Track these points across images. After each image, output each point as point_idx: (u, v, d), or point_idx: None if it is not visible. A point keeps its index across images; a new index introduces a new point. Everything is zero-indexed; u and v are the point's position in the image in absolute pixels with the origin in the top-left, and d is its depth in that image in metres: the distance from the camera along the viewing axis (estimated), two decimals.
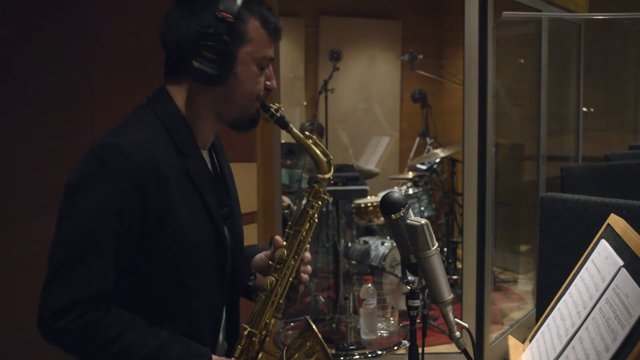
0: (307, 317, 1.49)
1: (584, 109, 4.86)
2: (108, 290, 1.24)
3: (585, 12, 4.94)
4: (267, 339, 1.43)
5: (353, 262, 4.36)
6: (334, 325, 3.35)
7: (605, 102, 5.27)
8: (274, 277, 1.42)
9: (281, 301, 1.43)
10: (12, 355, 1.97)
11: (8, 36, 2.00)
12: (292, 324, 3.90)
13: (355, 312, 2.86)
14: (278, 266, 1.43)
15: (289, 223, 1.47)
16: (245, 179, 2.86)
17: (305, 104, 5.89)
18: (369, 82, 6.20)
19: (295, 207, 4.58)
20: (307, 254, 1.50)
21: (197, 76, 1.32)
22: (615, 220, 1.21)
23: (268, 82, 1.42)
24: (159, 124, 1.34)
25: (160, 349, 1.27)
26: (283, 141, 4.62)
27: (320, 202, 1.46)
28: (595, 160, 4.36)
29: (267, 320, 1.42)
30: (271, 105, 1.41)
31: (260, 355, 1.44)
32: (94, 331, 1.22)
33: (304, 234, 1.45)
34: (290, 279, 1.44)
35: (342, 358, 2.69)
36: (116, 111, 1.45)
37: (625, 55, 5.15)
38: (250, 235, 2.96)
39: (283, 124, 1.42)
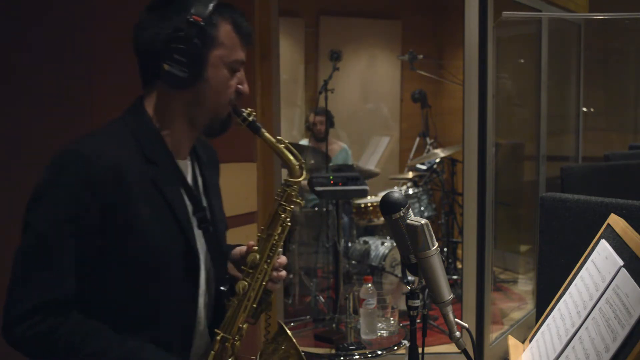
0: (281, 322, 1.50)
1: (584, 109, 4.86)
2: (67, 297, 1.24)
3: (585, 12, 4.95)
4: (238, 343, 1.42)
5: (353, 262, 4.36)
6: (334, 325, 3.35)
7: (605, 102, 5.28)
8: (246, 281, 1.41)
9: (254, 306, 1.43)
10: (13, 355, 1.97)
11: (8, 34, 2.00)
12: (292, 324, 3.91)
13: (355, 312, 2.86)
14: (250, 271, 1.42)
15: (262, 227, 1.46)
16: (245, 179, 2.86)
17: (301, 107, 5.89)
18: (369, 82, 6.20)
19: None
20: (283, 258, 1.49)
21: (168, 79, 1.32)
22: (615, 220, 1.21)
23: (240, 86, 1.42)
24: (128, 132, 1.35)
25: (127, 356, 1.27)
26: None
27: (292, 206, 1.46)
28: (595, 160, 4.36)
29: (240, 325, 1.41)
30: (243, 110, 1.42)
31: None
32: (53, 338, 1.22)
33: (276, 237, 1.45)
34: (263, 284, 1.44)
35: (342, 358, 2.69)
36: (116, 111, 1.45)
37: (625, 55, 5.15)
38: (251, 235, 2.95)
39: (255, 128, 1.42)
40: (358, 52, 6.10)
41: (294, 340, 1.46)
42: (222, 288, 1.49)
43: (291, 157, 1.45)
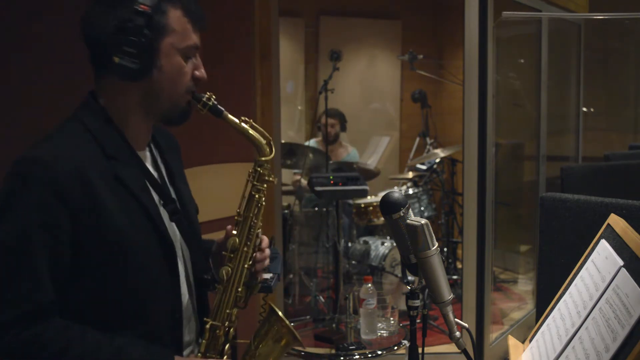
0: (270, 303, 1.51)
1: (584, 109, 4.86)
2: (46, 304, 1.23)
3: (585, 12, 4.94)
4: (232, 329, 1.43)
5: (353, 262, 4.36)
6: (334, 325, 3.34)
7: (605, 102, 5.27)
8: (229, 267, 1.41)
9: (239, 289, 1.42)
10: None
11: (8, 33, 2.00)
12: (292, 324, 3.91)
13: (355, 312, 2.86)
14: (232, 255, 1.42)
15: (237, 210, 1.45)
16: (245, 179, 2.85)
17: (300, 108, 5.89)
18: (369, 82, 6.20)
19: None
20: (265, 239, 1.49)
21: (119, 72, 1.30)
22: (615, 220, 1.21)
23: (196, 72, 1.39)
24: (84, 130, 1.32)
25: (116, 354, 1.26)
26: (283, 141, 4.62)
27: (265, 185, 1.45)
28: (595, 160, 4.36)
29: (229, 311, 1.42)
30: (202, 94, 1.38)
31: (227, 347, 1.43)
32: (38, 345, 1.21)
33: (254, 219, 1.44)
34: (246, 267, 1.43)
35: (342, 358, 2.69)
36: None
37: (625, 55, 5.15)
38: None
39: (216, 111, 1.39)
40: (358, 52, 6.10)
41: (286, 320, 1.47)
42: (205, 277, 1.49)
43: (258, 136, 1.43)
